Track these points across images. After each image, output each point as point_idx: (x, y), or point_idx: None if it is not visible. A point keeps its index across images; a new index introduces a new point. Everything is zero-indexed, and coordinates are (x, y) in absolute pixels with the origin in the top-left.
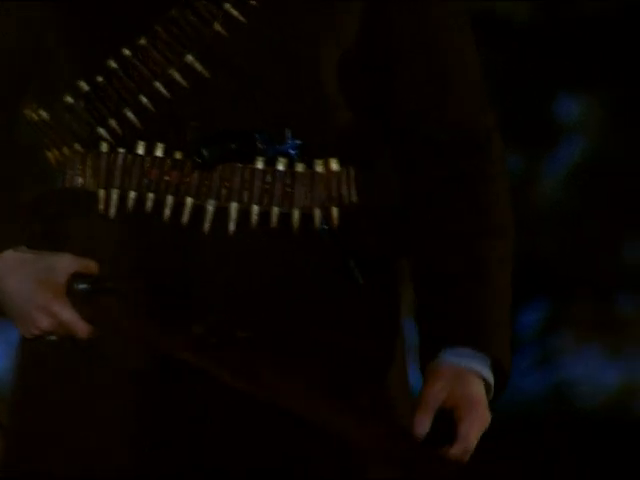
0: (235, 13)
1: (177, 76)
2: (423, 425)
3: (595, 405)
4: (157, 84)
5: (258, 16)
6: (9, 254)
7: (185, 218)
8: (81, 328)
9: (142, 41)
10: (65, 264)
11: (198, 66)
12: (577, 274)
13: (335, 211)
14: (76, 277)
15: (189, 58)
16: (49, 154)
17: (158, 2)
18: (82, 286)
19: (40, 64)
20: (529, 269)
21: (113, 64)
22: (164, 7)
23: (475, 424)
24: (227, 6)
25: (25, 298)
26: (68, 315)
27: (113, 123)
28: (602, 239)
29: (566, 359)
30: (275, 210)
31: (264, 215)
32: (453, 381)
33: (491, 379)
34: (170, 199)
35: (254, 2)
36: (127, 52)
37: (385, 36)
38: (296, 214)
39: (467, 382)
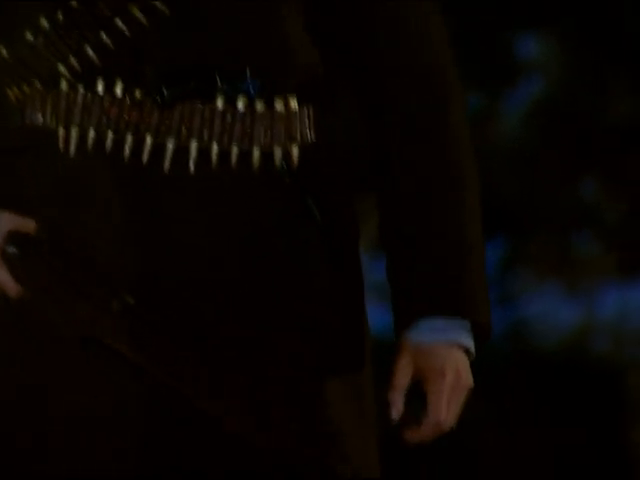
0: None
1: (137, 13)
2: (396, 406)
3: (553, 343)
4: (118, 21)
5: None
6: None
7: (145, 157)
8: (11, 288)
9: None
10: (1, 223)
11: (158, 3)
12: (535, 212)
13: (295, 150)
14: (11, 237)
15: None
16: (9, 92)
17: None
18: (10, 249)
19: None
20: (487, 207)
21: (73, 1)
22: None
23: (444, 395)
24: None
25: None
26: None
27: (73, 60)
28: (560, 177)
29: (524, 297)
30: (235, 149)
31: (224, 154)
32: (419, 354)
33: (470, 343)
34: (130, 138)
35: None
36: None
37: None
38: (256, 153)
39: (434, 354)
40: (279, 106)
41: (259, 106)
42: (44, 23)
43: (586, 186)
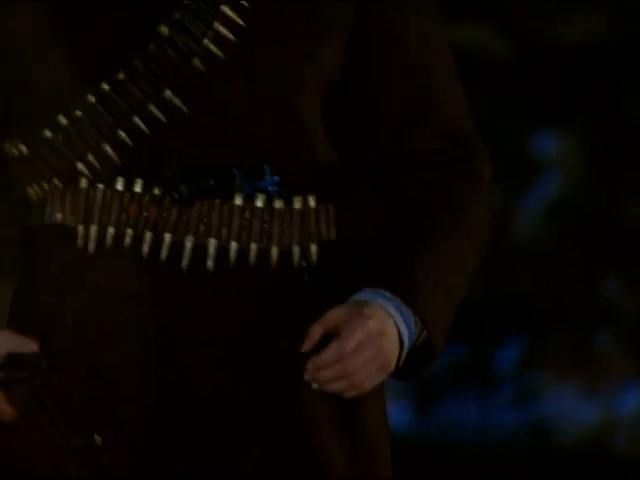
0: (214, 49)
1: (156, 111)
2: (311, 338)
3: (573, 441)
4: (136, 119)
5: (236, 52)
6: None
7: (163, 254)
8: (3, 411)
9: (121, 76)
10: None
11: (177, 101)
12: (555, 311)
13: (314, 248)
14: (7, 359)
15: (168, 93)
16: (29, 189)
17: (137, 37)
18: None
19: (19, 98)
20: (507, 305)
21: (92, 98)
22: (143, 42)
23: (358, 330)
24: (206, 42)
25: None
26: None
27: (92, 158)
28: (579, 276)
29: (544, 396)
30: (254, 247)
31: (243, 252)
32: (356, 304)
33: (406, 335)
34: (149, 235)
35: (233, 38)
36: (106, 87)
37: (367, 66)
38: (275, 251)
39: (369, 305)
40: (298, 204)
41: (278, 204)
42: (62, 120)
43: (606, 285)
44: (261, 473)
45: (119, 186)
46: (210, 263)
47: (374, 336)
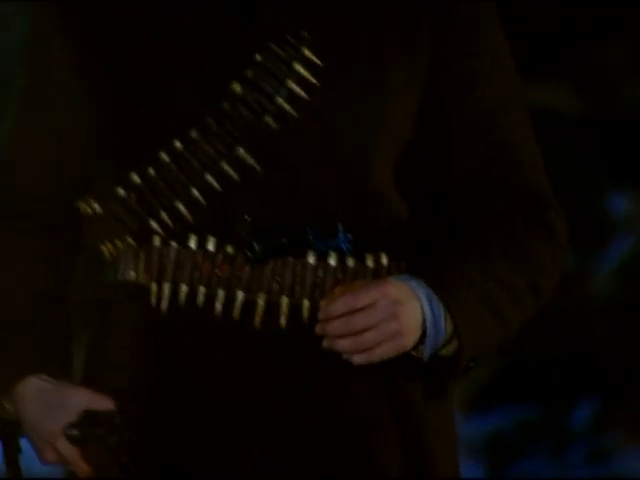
0: (286, 107)
1: (228, 169)
2: (333, 294)
3: None
4: (208, 177)
5: (309, 110)
6: (31, 380)
7: (236, 312)
8: (80, 468)
9: (193, 133)
10: (76, 401)
11: (249, 159)
12: (629, 369)
13: None
14: (83, 416)
15: (240, 151)
16: (103, 247)
17: (210, 95)
18: (72, 431)
19: (92, 156)
20: (582, 364)
21: (164, 156)
22: (216, 100)
23: (374, 290)
24: (279, 100)
25: (36, 429)
26: (68, 454)
27: (164, 216)
28: None
29: (618, 455)
30: None
31: (315, 310)
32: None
33: (430, 319)
34: (221, 293)
35: (305, 97)
36: (178, 144)
37: (441, 122)
38: None
39: (394, 278)
40: (370, 262)
41: (350, 261)
42: (135, 179)
43: None
44: (316, 474)
45: (192, 244)
46: (283, 321)
47: (391, 302)
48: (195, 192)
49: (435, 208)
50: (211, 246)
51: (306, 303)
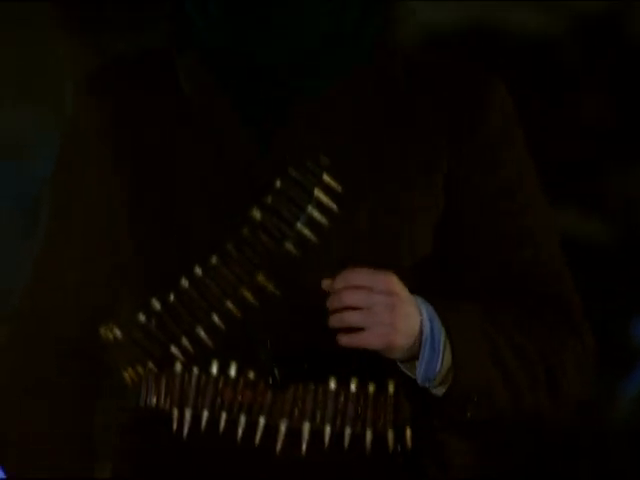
0: (306, 233)
1: (248, 295)
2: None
3: None
4: (228, 303)
5: (329, 236)
6: None
7: (257, 438)
8: None
9: (214, 260)
10: None
11: (269, 285)
12: None
13: (408, 432)
14: None
15: (260, 277)
16: (124, 373)
17: (230, 222)
18: None
19: (114, 282)
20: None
21: (185, 283)
22: (235, 226)
23: (377, 278)
24: (298, 226)
25: None
26: None
27: (185, 342)
28: None
29: None
30: (348, 431)
31: (337, 436)
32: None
33: (427, 335)
34: (243, 419)
35: (325, 222)
36: (198, 271)
37: (462, 234)
38: (369, 435)
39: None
40: (391, 388)
41: (371, 388)
42: (155, 304)
43: None
44: None
45: (213, 370)
46: (304, 447)
47: (390, 293)
48: (215, 318)
49: None
50: (232, 372)
51: (327, 429)
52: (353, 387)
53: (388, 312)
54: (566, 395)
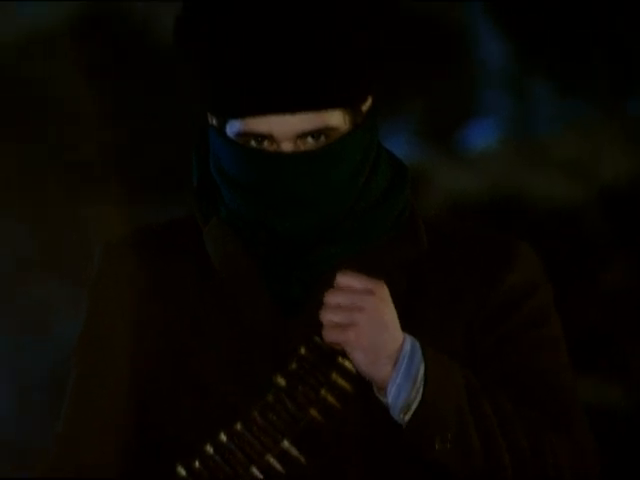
0: (331, 399)
1: (273, 462)
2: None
3: None
4: (254, 469)
5: (353, 402)
6: None
7: None
8: None
9: (238, 427)
10: None
11: (294, 452)
12: None
13: None
14: None
15: (285, 444)
16: None
17: (254, 388)
18: None
19: (138, 449)
20: None
21: (209, 449)
22: (261, 393)
23: (366, 279)
24: (323, 392)
25: None
26: None
27: None
28: None
29: None
30: None
31: None
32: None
33: (403, 363)
34: None
35: (349, 388)
36: (223, 437)
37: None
38: None
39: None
40: None
41: None
42: (182, 472)
43: None
44: None
45: None
46: None
47: (376, 299)
48: None
49: None
50: None
51: None
52: None
53: (359, 313)
54: (555, 468)
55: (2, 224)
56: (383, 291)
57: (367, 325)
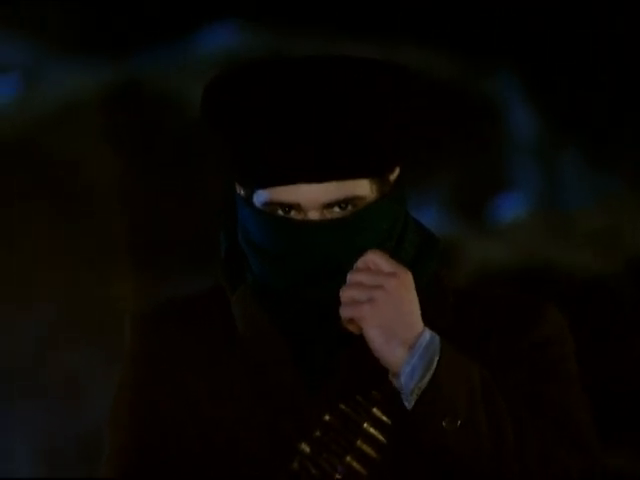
0: (356, 466)
1: None
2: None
3: None
4: None
5: (378, 469)
6: None
7: None
8: None
9: None
10: None
11: None
12: None
13: None
14: None
15: None
16: None
17: (279, 454)
18: None
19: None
20: None
21: None
22: (285, 459)
23: (394, 264)
24: (348, 459)
25: None
26: None
27: None
28: None
29: None
30: None
31: None
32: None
33: (418, 349)
34: None
35: (374, 455)
36: None
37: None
38: None
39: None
40: None
41: None
42: None
43: None
44: None
45: None
46: None
47: (399, 282)
48: None
49: None
50: None
51: None
52: None
53: (379, 291)
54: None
55: (33, 301)
56: (407, 277)
57: (384, 303)
